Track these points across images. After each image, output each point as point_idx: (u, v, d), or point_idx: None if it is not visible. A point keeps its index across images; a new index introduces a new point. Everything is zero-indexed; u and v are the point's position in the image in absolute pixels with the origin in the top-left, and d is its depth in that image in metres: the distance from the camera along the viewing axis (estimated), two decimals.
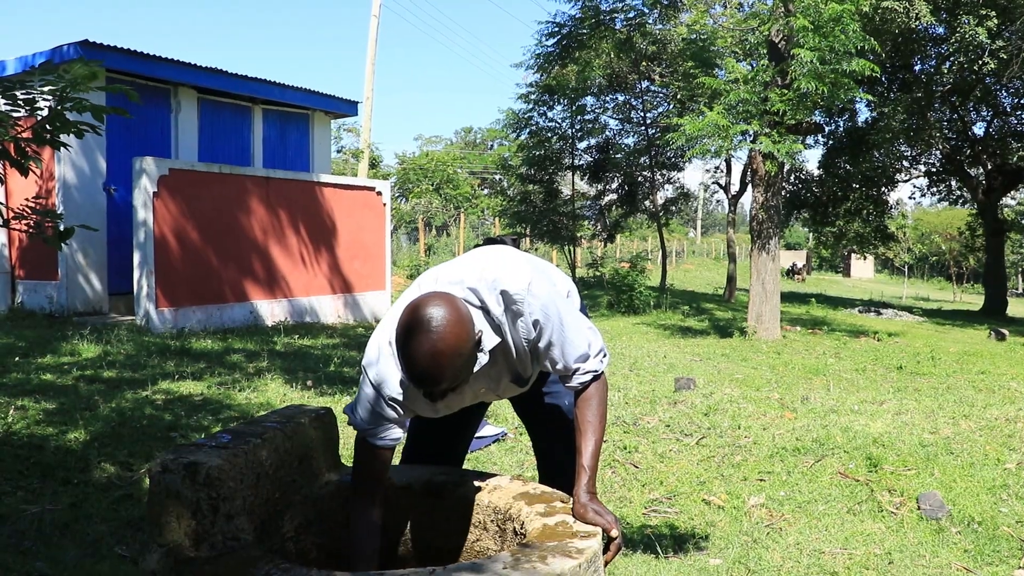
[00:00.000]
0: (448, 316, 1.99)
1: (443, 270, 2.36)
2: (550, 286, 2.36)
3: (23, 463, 4.35)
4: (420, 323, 1.98)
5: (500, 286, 2.22)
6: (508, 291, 2.22)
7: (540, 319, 2.25)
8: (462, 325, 2.02)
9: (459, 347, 2.01)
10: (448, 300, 2.05)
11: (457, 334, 2.00)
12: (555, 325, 2.27)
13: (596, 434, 2.34)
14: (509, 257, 2.40)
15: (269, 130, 12.48)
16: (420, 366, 1.99)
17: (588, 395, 2.37)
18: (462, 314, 2.04)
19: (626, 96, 23.58)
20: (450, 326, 1.98)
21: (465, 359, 2.05)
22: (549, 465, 2.92)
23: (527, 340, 2.29)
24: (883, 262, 57.96)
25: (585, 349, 2.33)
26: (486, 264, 2.32)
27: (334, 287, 11.69)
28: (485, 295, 2.23)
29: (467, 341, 2.04)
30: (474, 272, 2.28)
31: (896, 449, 5.36)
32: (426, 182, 32.80)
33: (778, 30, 11.68)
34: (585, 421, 2.34)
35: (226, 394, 6.21)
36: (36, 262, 9.97)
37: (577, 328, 2.33)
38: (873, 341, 12.31)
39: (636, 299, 16.45)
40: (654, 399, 6.91)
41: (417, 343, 1.98)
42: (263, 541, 2.33)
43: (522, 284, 2.23)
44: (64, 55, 9.42)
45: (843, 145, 22.82)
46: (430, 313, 1.99)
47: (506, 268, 2.29)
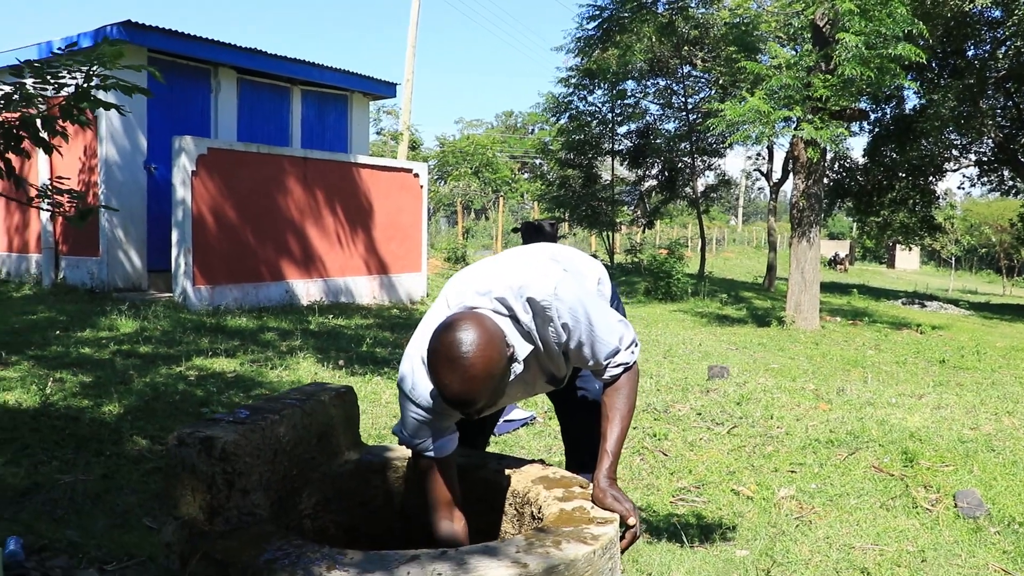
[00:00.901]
0: (479, 340, 1.96)
1: (469, 278, 2.33)
2: (578, 285, 2.32)
3: (59, 434, 4.43)
4: (451, 349, 1.95)
5: (526, 293, 2.19)
6: (534, 298, 2.19)
7: (569, 322, 2.23)
8: (493, 346, 1.99)
9: (491, 369, 1.98)
10: (477, 321, 2.01)
11: (489, 356, 1.97)
12: (584, 326, 2.25)
13: (622, 421, 2.32)
14: (535, 259, 2.38)
15: (308, 111, 12.52)
16: (454, 392, 1.97)
17: (618, 384, 2.35)
18: (492, 334, 2.01)
19: (667, 81, 23.37)
20: (480, 349, 1.95)
21: (499, 379, 2.03)
22: (577, 450, 2.90)
23: (558, 343, 2.27)
24: (929, 253, 56.95)
25: (615, 344, 2.31)
26: (512, 270, 2.29)
27: (370, 268, 11.73)
28: (513, 303, 2.20)
29: (499, 361, 2.01)
30: (501, 280, 2.24)
31: (934, 444, 5.25)
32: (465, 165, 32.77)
33: (823, 13, 11.46)
34: (612, 408, 2.32)
35: (258, 371, 6.26)
36: (78, 239, 10.11)
37: (607, 325, 2.30)
38: (916, 334, 12.10)
39: (673, 286, 16.33)
40: (686, 387, 6.85)
41: (449, 370, 1.95)
42: (280, 517, 2.33)
43: (548, 289, 2.20)
44: (108, 36, 9.50)
45: (890, 133, 22.36)
46: (460, 338, 1.95)
47: (531, 273, 2.25)
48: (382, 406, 5.64)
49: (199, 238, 9.28)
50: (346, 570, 1.82)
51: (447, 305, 2.27)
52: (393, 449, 2.81)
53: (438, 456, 2.31)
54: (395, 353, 7.59)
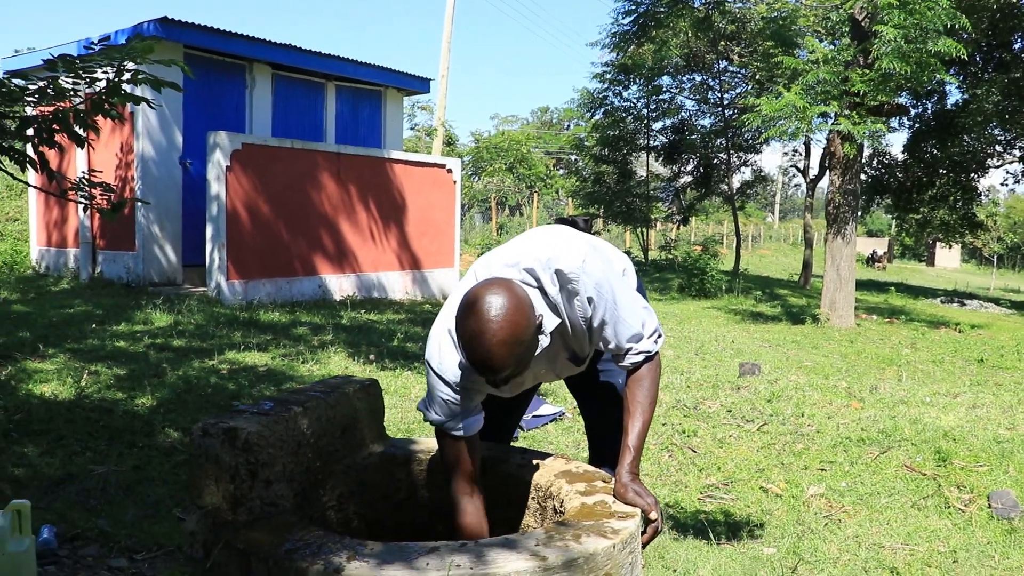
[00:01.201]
0: (508, 304, 1.95)
1: (498, 253, 2.33)
2: (605, 264, 2.31)
3: (93, 425, 4.49)
4: (480, 313, 1.95)
5: (554, 265, 2.19)
6: (562, 269, 2.19)
7: (594, 297, 2.21)
8: (522, 312, 1.98)
9: (520, 335, 1.97)
10: (507, 287, 2.00)
11: (517, 322, 1.96)
12: (608, 303, 2.24)
13: (644, 415, 2.29)
14: (564, 235, 2.35)
15: (342, 106, 12.59)
16: (482, 356, 1.95)
17: (639, 375, 2.32)
18: (522, 300, 2.00)
19: (703, 76, 23.19)
20: (510, 314, 1.94)
21: (527, 345, 2.01)
22: (600, 444, 2.89)
23: (583, 318, 2.26)
24: (970, 251, 56.08)
25: (638, 329, 2.29)
26: (540, 243, 2.28)
27: (402, 263, 11.77)
28: (541, 274, 2.20)
29: (528, 328, 2.00)
30: (529, 252, 2.24)
31: (968, 444, 5.17)
32: (499, 161, 32.82)
33: (862, 7, 11.33)
34: (635, 402, 2.30)
35: (290, 365, 6.31)
36: (115, 234, 10.26)
37: (631, 308, 2.28)
38: (954, 332, 11.93)
39: (707, 283, 16.24)
40: (717, 384, 6.81)
41: (478, 333, 1.94)
42: (303, 509, 2.35)
43: (576, 262, 2.20)
44: (144, 32, 9.62)
45: (930, 128, 22.00)
46: (489, 302, 1.95)
47: (560, 246, 2.25)
48: (411, 400, 5.66)
49: (233, 233, 9.36)
50: (366, 560, 1.83)
51: (475, 278, 2.27)
52: (417, 442, 2.82)
53: (464, 435, 2.32)
54: (426, 348, 7.60)
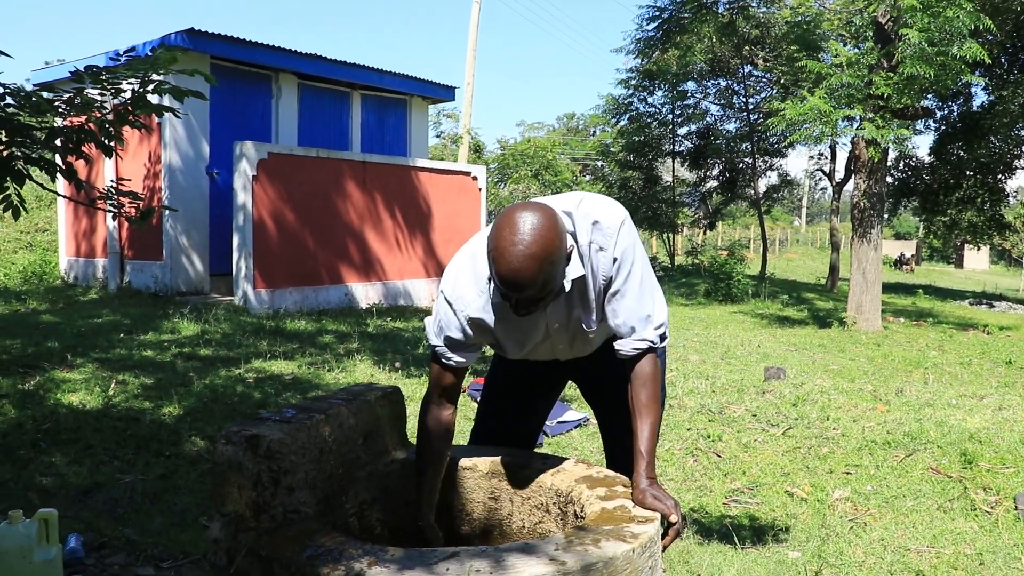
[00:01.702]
0: (544, 222, 1.99)
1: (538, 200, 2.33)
2: (636, 238, 2.32)
3: (120, 434, 4.55)
4: (515, 225, 1.98)
5: (594, 216, 2.22)
6: (600, 222, 2.21)
7: (619, 258, 2.22)
8: (556, 231, 2.01)
9: (552, 253, 1.99)
10: (544, 208, 2.04)
11: (551, 240, 1.99)
12: (628, 273, 2.24)
13: (652, 416, 2.28)
14: (609, 200, 2.36)
15: (367, 115, 12.67)
16: (512, 267, 1.97)
17: (641, 373, 2.30)
18: (557, 221, 2.04)
19: (728, 81, 23.14)
20: (545, 231, 1.98)
21: (555, 267, 2.03)
22: (617, 448, 2.90)
23: (604, 277, 2.26)
24: (999, 253, 55.47)
25: (649, 311, 2.28)
26: (585, 197, 2.30)
27: (428, 271, 11.82)
28: (578, 221, 2.22)
29: (560, 249, 2.03)
30: (572, 201, 2.26)
31: (994, 446, 5.13)
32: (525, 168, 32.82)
33: (885, 10, 11.27)
34: (640, 404, 2.29)
35: (315, 374, 6.35)
36: (143, 243, 10.38)
37: (648, 288, 2.29)
38: (982, 334, 11.82)
39: (734, 287, 16.18)
40: (742, 388, 6.78)
41: (510, 243, 1.97)
42: (326, 516, 2.37)
43: (615, 221, 2.22)
44: (171, 43, 9.73)
45: (957, 130, 21.82)
46: (525, 217, 1.99)
47: (603, 204, 2.27)
48: None
49: (259, 242, 9.44)
50: (387, 566, 1.85)
51: None
52: None
53: (456, 366, 2.37)
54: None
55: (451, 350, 2.35)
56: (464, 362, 2.37)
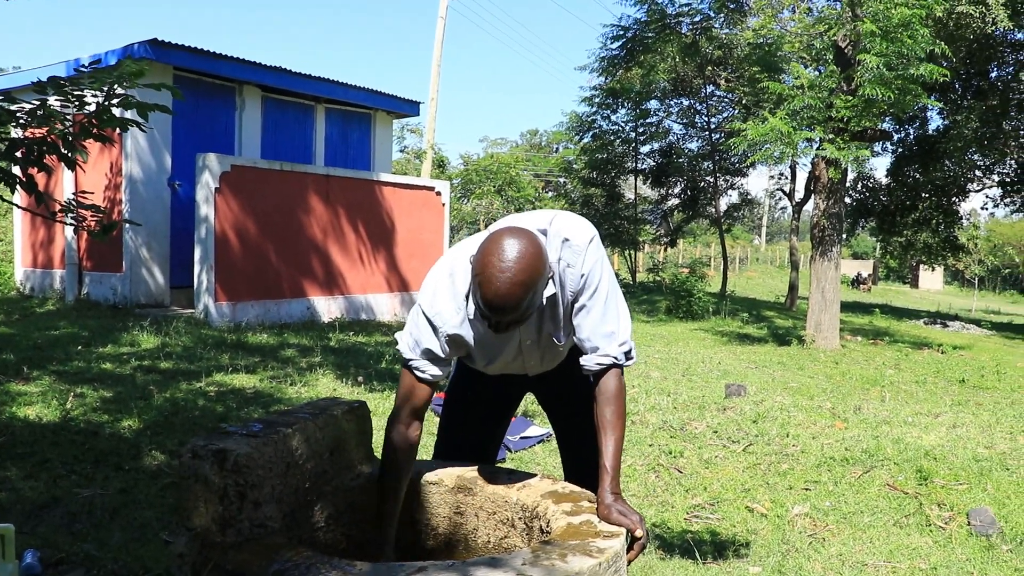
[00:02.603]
0: (530, 249, 2.05)
1: (513, 216, 2.40)
2: (604, 257, 2.38)
3: (78, 448, 4.48)
4: (502, 252, 2.04)
5: (564, 234, 2.28)
6: (570, 240, 2.28)
7: (586, 275, 2.28)
8: (541, 259, 2.08)
9: (536, 279, 2.07)
10: (528, 234, 2.10)
11: (536, 267, 2.05)
12: (595, 290, 2.30)
13: (616, 432, 2.32)
14: (579, 218, 2.43)
15: (331, 129, 12.64)
16: (497, 293, 2.03)
17: (606, 390, 2.34)
18: (540, 248, 2.10)
19: (690, 100, 23.40)
20: (531, 258, 2.04)
21: (536, 293, 2.10)
22: (575, 462, 2.93)
23: (572, 293, 2.32)
24: (953, 273, 56.50)
25: (613, 328, 2.33)
26: (556, 215, 2.36)
27: (391, 285, 11.79)
28: (550, 240, 2.28)
29: (542, 275, 2.09)
30: (544, 219, 2.33)
31: (948, 463, 5.22)
32: (488, 183, 32.88)
33: (845, 35, 11.47)
34: (605, 420, 2.33)
35: (277, 388, 6.31)
36: (102, 255, 10.25)
37: (614, 306, 2.35)
38: (937, 353, 12.02)
39: (695, 305, 16.31)
40: (703, 404, 6.84)
41: (498, 270, 2.02)
42: (292, 530, 2.36)
43: (585, 238, 2.29)
44: (134, 54, 9.66)
45: (913, 153, 22.29)
46: (513, 243, 2.05)
47: (573, 222, 2.34)
48: None
49: (221, 255, 9.37)
50: None
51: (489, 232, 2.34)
52: None
53: (427, 379, 2.41)
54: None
55: (427, 363, 2.39)
56: (439, 375, 2.41)
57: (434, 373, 2.40)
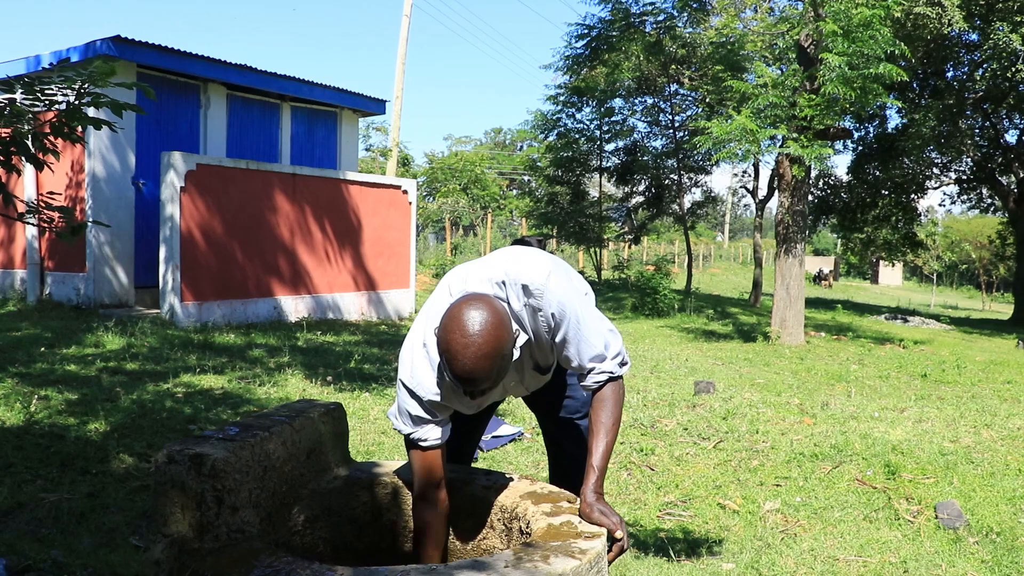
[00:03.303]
0: (491, 318, 2.05)
1: (470, 269, 2.39)
2: (568, 283, 2.38)
3: (44, 452, 4.40)
4: (464, 327, 2.03)
5: (521, 280, 2.28)
6: (528, 285, 2.27)
7: (556, 313, 2.29)
8: (503, 327, 2.08)
9: (501, 348, 2.06)
10: (488, 302, 2.10)
11: (500, 336, 2.05)
12: (571, 321, 2.30)
13: (608, 435, 2.34)
14: (531, 254, 2.44)
15: (297, 127, 12.55)
16: (466, 369, 2.03)
17: (603, 396, 2.37)
18: (502, 315, 2.10)
19: (655, 99, 23.50)
20: (492, 328, 2.04)
21: (506, 359, 2.11)
22: (559, 464, 2.94)
23: (547, 332, 2.33)
24: (912, 269, 57.44)
25: (601, 350, 2.34)
26: (509, 260, 2.36)
27: (358, 284, 11.74)
28: (508, 289, 2.28)
29: (509, 341, 2.10)
30: (498, 269, 2.32)
31: (915, 457, 5.30)
32: (454, 182, 32.87)
33: (807, 35, 11.59)
34: (599, 422, 2.34)
35: (246, 388, 6.26)
36: (65, 254, 10.09)
37: (595, 328, 2.34)
38: (898, 348, 12.19)
39: (660, 302, 16.38)
40: (673, 402, 6.88)
41: (463, 345, 2.02)
42: (270, 534, 2.34)
43: (541, 278, 2.28)
44: (96, 50, 9.52)
45: (873, 151, 22.62)
46: (472, 316, 2.04)
47: (527, 263, 2.33)
48: (370, 422, 5.65)
49: (187, 254, 9.27)
50: None
51: (449, 292, 2.34)
52: (381, 465, 2.83)
53: (430, 447, 2.38)
54: (383, 369, 7.59)
55: (427, 431, 2.37)
56: (440, 440, 2.39)
57: (437, 437, 2.38)
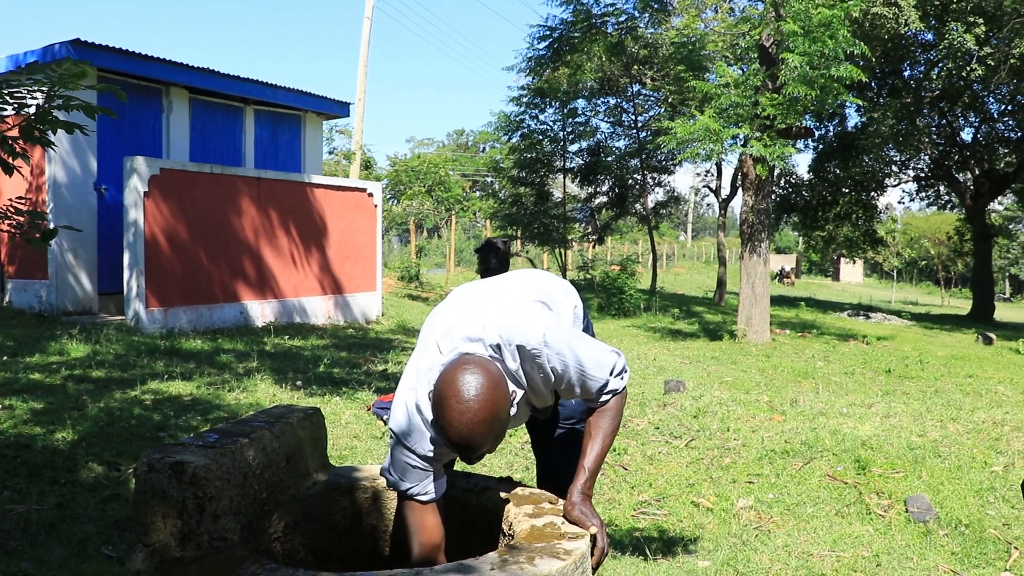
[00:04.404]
0: (486, 385, 2.01)
1: (456, 322, 2.30)
2: (564, 330, 2.32)
3: (10, 462, 4.33)
4: (460, 392, 1.99)
5: (516, 341, 2.21)
6: (524, 346, 2.21)
7: (558, 367, 2.24)
8: (500, 391, 2.04)
9: (498, 413, 2.02)
10: (483, 366, 2.05)
11: (496, 400, 2.01)
12: (574, 368, 2.25)
13: (604, 439, 2.32)
14: (521, 302, 2.37)
15: (261, 131, 12.45)
16: (463, 437, 2.00)
17: (606, 407, 2.35)
18: (497, 379, 2.05)
19: (617, 99, 23.64)
20: (489, 394, 2.00)
21: (504, 422, 2.07)
22: (547, 469, 2.94)
23: (548, 383, 2.29)
24: (872, 266, 58.21)
25: (605, 378, 2.30)
26: (500, 315, 2.28)
27: (324, 288, 11.67)
28: (503, 351, 2.22)
29: (505, 405, 2.06)
30: (490, 327, 2.24)
31: (884, 452, 5.37)
32: (418, 184, 32.77)
33: (769, 35, 11.71)
34: (596, 427, 2.33)
35: (215, 394, 6.20)
36: (26, 261, 9.93)
37: (595, 362, 2.29)
38: (862, 345, 12.35)
39: (626, 302, 16.48)
40: (643, 401, 6.92)
41: (459, 412, 1.98)
42: (250, 541, 2.32)
43: (537, 338, 2.22)
44: (55, 54, 9.38)
45: (833, 149, 22.94)
46: (467, 382, 2.00)
47: (520, 320, 2.26)
48: (342, 427, 5.62)
49: (152, 260, 9.15)
50: None
51: (438, 351, 2.26)
52: (360, 470, 2.81)
53: (431, 500, 2.34)
54: (352, 373, 7.56)
55: (425, 486, 2.32)
56: (440, 492, 2.35)
57: (437, 490, 2.35)
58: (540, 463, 3.00)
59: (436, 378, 2.10)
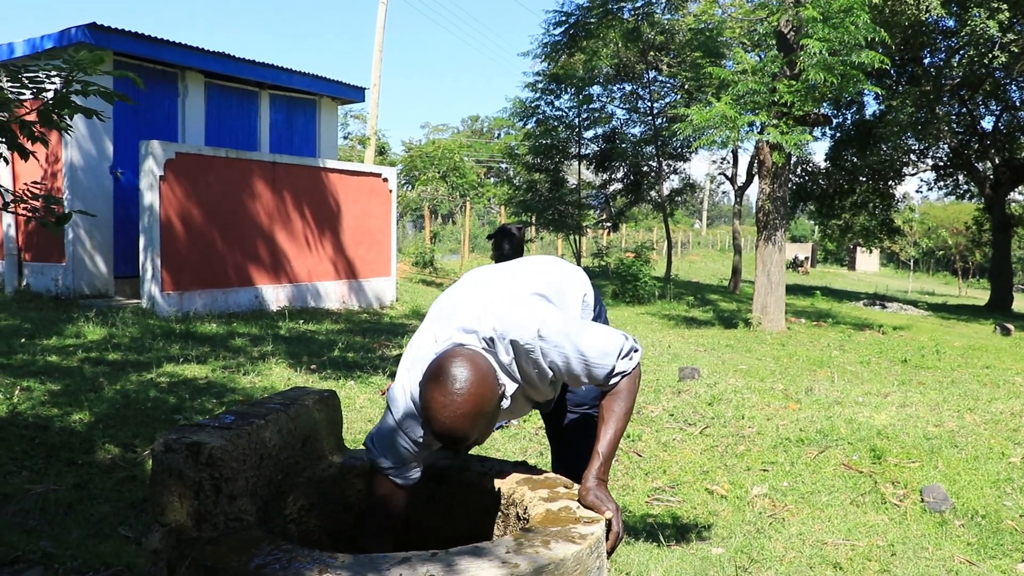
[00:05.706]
0: (472, 378, 2.00)
1: (455, 311, 2.30)
2: (562, 320, 2.28)
3: (28, 443, 4.36)
4: (444, 386, 1.99)
5: (508, 336, 2.20)
6: (517, 341, 2.20)
7: (557, 360, 2.22)
8: (487, 384, 2.03)
9: (483, 407, 2.02)
10: (471, 359, 2.04)
11: (481, 394, 2.01)
12: (576, 359, 2.22)
13: (618, 423, 2.30)
14: (519, 294, 2.35)
15: (276, 115, 12.46)
16: (446, 428, 2.00)
17: (618, 389, 2.31)
18: (485, 373, 2.05)
19: (633, 86, 23.55)
20: (474, 387, 1.99)
21: (490, 416, 2.07)
22: (561, 457, 2.93)
23: (548, 376, 2.27)
24: (888, 256, 57.92)
25: (611, 363, 2.25)
26: (497, 307, 2.26)
27: (339, 272, 11.68)
28: (496, 345, 2.21)
29: (492, 399, 2.05)
30: (486, 319, 2.23)
31: (900, 441, 5.35)
32: (433, 170, 32.74)
33: (787, 21, 11.62)
34: (609, 411, 2.30)
35: (230, 377, 6.22)
36: (43, 245, 9.98)
37: (599, 350, 2.24)
38: (878, 334, 12.30)
39: (641, 289, 16.45)
40: (658, 388, 6.90)
41: (442, 404, 1.98)
42: (266, 522, 2.33)
43: (531, 332, 2.20)
44: (72, 38, 9.40)
45: (850, 138, 22.78)
46: (454, 375, 1.99)
47: (515, 314, 2.24)
48: (356, 411, 5.63)
49: (167, 243, 9.19)
50: (337, 573, 1.83)
51: (434, 340, 2.27)
52: None
53: (403, 484, 2.36)
54: (367, 358, 7.57)
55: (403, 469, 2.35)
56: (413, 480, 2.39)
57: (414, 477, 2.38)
58: (554, 449, 2.99)
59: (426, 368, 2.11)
